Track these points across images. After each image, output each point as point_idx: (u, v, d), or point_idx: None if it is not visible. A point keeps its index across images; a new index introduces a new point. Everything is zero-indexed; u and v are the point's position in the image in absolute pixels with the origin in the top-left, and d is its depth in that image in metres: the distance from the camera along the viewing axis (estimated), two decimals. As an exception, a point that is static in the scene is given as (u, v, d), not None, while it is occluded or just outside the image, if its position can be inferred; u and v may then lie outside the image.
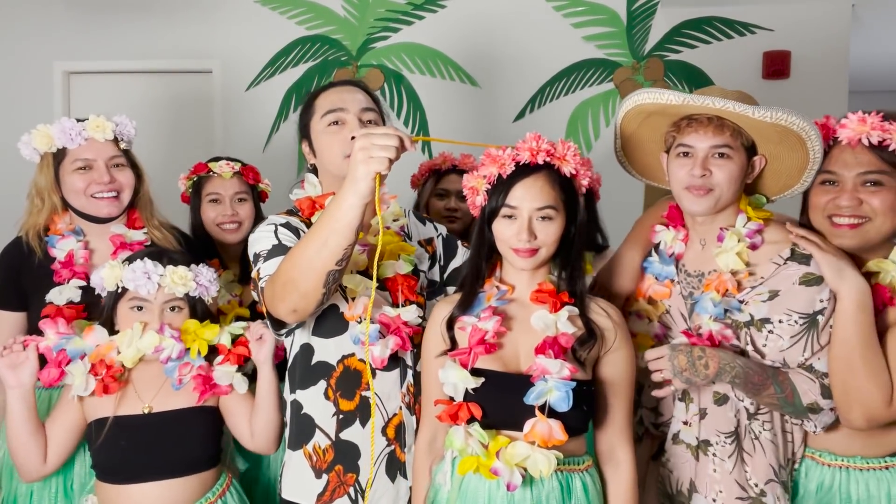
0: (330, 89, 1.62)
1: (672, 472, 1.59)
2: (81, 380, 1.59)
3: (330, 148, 1.57)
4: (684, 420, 1.56)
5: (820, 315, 1.45)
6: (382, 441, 1.53)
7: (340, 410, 1.52)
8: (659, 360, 1.45)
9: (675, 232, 1.63)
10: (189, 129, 3.70)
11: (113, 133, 1.88)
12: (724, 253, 1.51)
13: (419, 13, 3.63)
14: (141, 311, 1.62)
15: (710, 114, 1.47)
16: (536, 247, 1.40)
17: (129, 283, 1.60)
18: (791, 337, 1.46)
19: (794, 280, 1.46)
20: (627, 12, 3.56)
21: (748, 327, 1.49)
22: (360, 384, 1.53)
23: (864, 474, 1.52)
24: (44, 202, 1.89)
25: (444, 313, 1.48)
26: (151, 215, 1.99)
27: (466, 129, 3.64)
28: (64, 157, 1.87)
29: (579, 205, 1.44)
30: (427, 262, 1.70)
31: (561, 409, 1.33)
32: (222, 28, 3.67)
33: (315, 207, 1.59)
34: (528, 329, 1.42)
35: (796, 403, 1.45)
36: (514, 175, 1.40)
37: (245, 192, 2.26)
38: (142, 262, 1.60)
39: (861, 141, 1.44)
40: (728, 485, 1.50)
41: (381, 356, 1.48)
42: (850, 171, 1.46)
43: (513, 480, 1.33)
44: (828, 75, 3.48)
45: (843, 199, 1.46)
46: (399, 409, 1.55)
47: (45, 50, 3.66)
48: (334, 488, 1.51)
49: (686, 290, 1.60)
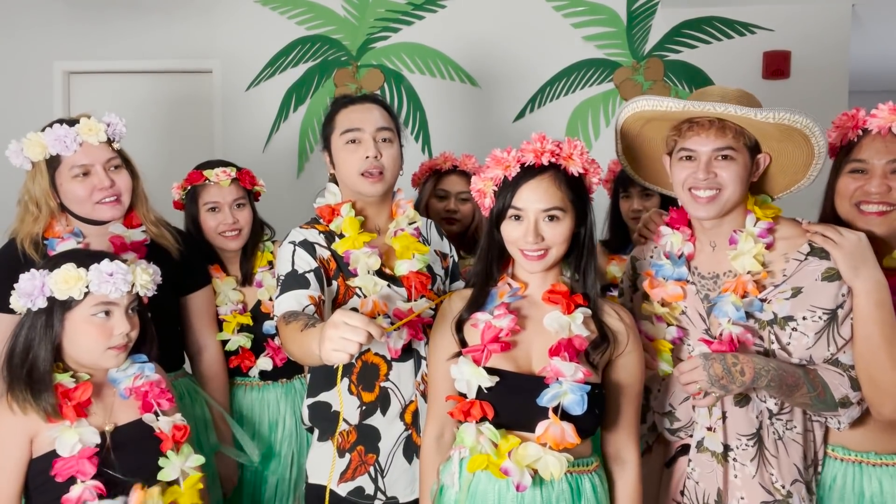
0: (350, 106, 1.73)
1: (698, 482, 1.54)
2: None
3: (346, 164, 1.69)
4: (708, 426, 1.51)
5: (840, 308, 1.44)
6: (401, 426, 1.65)
7: (363, 402, 1.64)
8: (693, 372, 1.41)
9: (681, 234, 1.61)
10: (189, 129, 3.70)
11: (106, 134, 1.85)
12: (740, 256, 1.49)
13: (419, 13, 3.63)
14: (107, 317, 1.48)
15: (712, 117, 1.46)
16: (545, 248, 1.40)
17: (100, 286, 1.45)
18: (815, 333, 1.44)
19: (817, 276, 1.44)
20: (627, 12, 3.56)
21: (771, 326, 1.47)
22: (378, 376, 1.64)
23: (877, 470, 1.53)
24: (40, 210, 1.84)
25: (454, 312, 1.48)
26: (148, 212, 1.97)
27: (466, 129, 3.64)
28: (59, 164, 1.82)
29: (588, 204, 1.45)
30: (441, 269, 1.81)
31: (575, 413, 1.34)
32: (222, 28, 3.66)
33: (334, 214, 1.71)
34: (540, 329, 1.42)
35: (828, 400, 1.43)
36: (520, 177, 1.40)
37: (243, 197, 2.24)
38: (111, 263, 1.48)
39: (891, 129, 1.48)
40: (751, 489, 1.47)
41: (395, 347, 1.61)
42: (880, 158, 1.49)
43: (523, 481, 1.34)
44: (828, 75, 3.48)
45: (873, 186, 1.49)
46: (414, 396, 1.67)
47: (45, 50, 3.65)
48: (356, 467, 1.63)
49: (702, 291, 1.57)
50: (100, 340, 1.47)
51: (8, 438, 1.44)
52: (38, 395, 1.43)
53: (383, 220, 1.77)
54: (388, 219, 1.77)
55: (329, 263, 1.65)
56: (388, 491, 1.64)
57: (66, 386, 1.47)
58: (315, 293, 1.56)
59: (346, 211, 1.70)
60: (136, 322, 1.53)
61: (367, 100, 1.75)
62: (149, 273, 1.54)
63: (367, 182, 1.67)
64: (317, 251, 1.65)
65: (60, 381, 1.47)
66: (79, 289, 1.44)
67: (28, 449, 1.45)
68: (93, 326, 1.47)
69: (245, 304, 2.18)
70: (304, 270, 1.60)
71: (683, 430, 1.58)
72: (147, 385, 1.55)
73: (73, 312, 1.46)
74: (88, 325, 1.47)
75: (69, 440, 1.43)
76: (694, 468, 1.54)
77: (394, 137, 1.73)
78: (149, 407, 1.54)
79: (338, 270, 1.66)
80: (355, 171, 1.67)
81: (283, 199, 2.99)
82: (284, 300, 1.55)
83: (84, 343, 1.48)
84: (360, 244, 1.66)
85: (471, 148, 2.88)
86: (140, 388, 1.54)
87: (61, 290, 1.44)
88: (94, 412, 1.50)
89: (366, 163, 1.66)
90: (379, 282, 1.64)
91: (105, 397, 1.54)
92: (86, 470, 1.42)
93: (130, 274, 1.49)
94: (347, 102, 1.74)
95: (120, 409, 1.54)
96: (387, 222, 1.77)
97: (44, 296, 1.45)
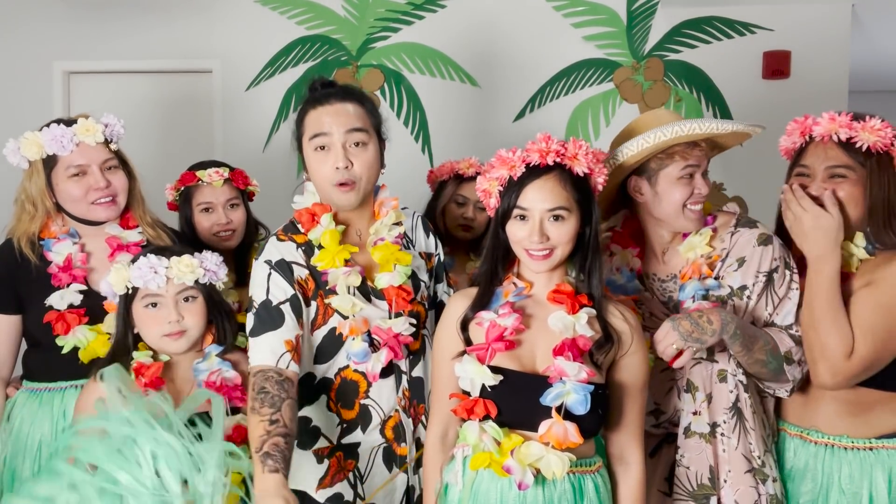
0: (318, 108, 1.58)
1: (689, 467, 1.59)
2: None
3: (318, 174, 1.59)
4: (693, 411, 1.59)
5: (774, 273, 1.58)
6: (380, 438, 1.60)
7: (343, 420, 1.60)
8: (666, 336, 1.49)
9: (629, 251, 1.74)
10: (189, 129, 3.69)
11: (103, 135, 1.85)
12: (692, 245, 1.63)
13: (419, 13, 3.63)
14: (156, 308, 1.62)
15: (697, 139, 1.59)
16: (550, 248, 1.40)
17: (137, 281, 1.60)
18: (757, 296, 1.57)
19: (753, 242, 1.60)
20: (627, 12, 3.55)
21: (731, 299, 1.58)
22: (358, 394, 1.59)
23: (847, 454, 1.57)
24: (37, 209, 1.85)
25: (459, 311, 1.48)
26: (144, 213, 1.97)
27: (466, 129, 3.63)
28: (55, 164, 1.83)
29: (594, 204, 1.45)
30: (427, 273, 1.73)
31: (578, 412, 1.34)
32: (222, 28, 3.66)
33: (313, 222, 1.60)
34: (544, 328, 1.42)
35: (778, 354, 1.54)
36: (525, 176, 1.41)
37: (236, 197, 2.24)
38: (146, 258, 1.60)
39: (832, 137, 1.57)
40: (735, 460, 1.55)
41: (374, 371, 1.56)
42: (820, 164, 1.59)
43: (525, 480, 1.34)
44: (828, 75, 3.48)
45: (813, 189, 1.58)
46: (395, 411, 1.61)
47: (45, 50, 3.64)
48: (335, 473, 1.58)
49: (664, 296, 1.67)
50: (153, 328, 1.63)
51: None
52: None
53: (365, 223, 1.67)
54: (370, 219, 1.67)
55: (307, 283, 1.57)
56: (367, 497, 1.59)
57: (142, 363, 1.61)
58: (291, 334, 1.51)
59: (326, 222, 1.60)
60: (190, 310, 1.64)
61: (337, 97, 1.59)
62: (186, 263, 1.62)
63: (340, 192, 1.57)
64: (294, 272, 1.56)
65: (138, 357, 1.63)
66: (124, 284, 1.63)
67: None
68: (146, 316, 1.63)
69: (241, 303, 2.18)
70: (278, 301, 1.53)
71: (667, 423, 1.65)
72: (220, 381, 1.62)
73: (134, 304, 1.64)
74: (143, 315, 1.63)
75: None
76: (683, 454, 1.61)
77: (369, 138, 1.58)
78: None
79: (316, 289, 1.58)
80: (328, 182, 1.56)
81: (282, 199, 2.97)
82: (259, 349, 1.50)
83: (144, 330, 1.65)
84: (340, 261, 1.57)
85: (471, 148, 2.88)
86: (214, 383, 1.62)
87: (116, 285, 1.64)
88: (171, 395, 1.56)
89: (336, 174, 1.55)
90: (358, 303, 1.56)
91: (183, 385, 1.65)
92: None
93: (164, 268, 1.60)
94: (316, 102, 1.59)
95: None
96: (370, 223, 1.67)
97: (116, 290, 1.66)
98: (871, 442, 1.56)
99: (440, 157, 3.59)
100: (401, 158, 3.63)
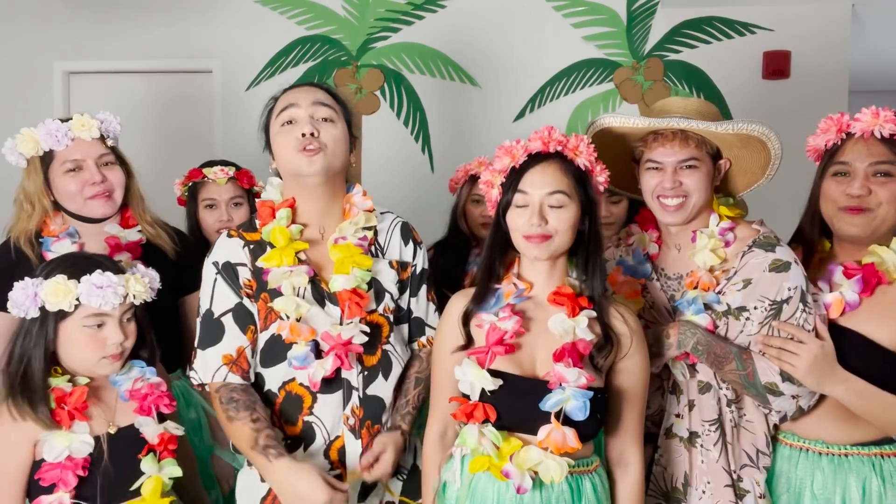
0: (287, 91, 1.57)
1: (666, 468, 1.61)
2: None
3: (283, 148, 1.51)
4: (676, 413, 1.60)
5: (785, 304, 1.50)
6: (325, 464, 1.51)
7: (287, 436, 1.51)
8: None
9: (648, 234, 1.72)
10: (189, 129, 3.70)
11: (99, 131, 1.85)
12: (699, 252, 1.58)
13: (419, 13, 3.63)
14: (100, 329, 1.47)
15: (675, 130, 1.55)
16: (548, 233, 1.40)
17: (90, 298, 1.43)
18: (759, 323, 1.52)
19: (765, 267, 1.52)
20: (627, 12, 3.55)
21: (727, 317, 1.54)
22: (301, 409, 1.51)
23: (821, 459, 1.55)
24: (34, 207, 1.85)
25: (460, 308, 1.48)
26: (144, 211, 1.97)
27: (466, 129, 3.63)
28: (52, 160, 1.83)
29: (594, 199, 1.45)
30: (396, 284, 1.60)
31: (577, 419, 1.34)
32: (222, 28, 3.66)
33: (272, 216, 1.53)
34: (545, 331, 1.42)
35: (756, 383, 1.50)
36: (527, 163, 1.43)
37: (240, 196, 2.26)
38: (99, 275, 1.45)
39: (874, 133, 1.51)
40: (715, 473, 1.54)
41: (315, 379, 1.45)
42: (862, 161, 1.52)
43: (523, 484, 1.34)
44: (828, 75, 3.48)
45: (854, 188, 1.52)
46: (341, 431, 1.51)
47: (45, 50, 3.65)
48: (276, 496, 1.46)
49: (668, 292, 1.65)
50: (93, 350, 1.47)
51: (10, 443, 1.44)
52: (34, 405, 1.42)
53: (332, 221, 1.57)
54: (339, 218, 1.58)
55: (251, 285, 1.51)
56: None
57: (63, 390, 1.45)
58: (231, 348, 1.49)
59: (281, 216, 1.52)
60: (131, 330, 1.52)
61: (308, 84, 1.59)
62: (143, 282, 1.51)
63: (305, 158, 1.47)
64: (240, 276, 1.51)
65: (57, 385, 1.46)
66: (69, 301, 1.43)
67: (31, 452, 1.45)
68: (85, 337, 1.46)
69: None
70: (220, 313, 1.49)
71: (650, 419, 1.64)
72: (147, 388, 1.54)
73: (66, 322, 1.45)
74: (81, 336, 1.46)
75: (58, 446, 1.42)
76: (661, 454, 1.61)
77: (336, 118, 1.53)
78: (147, 410, 1.53)
79: (259, 290, 1.51)
80: (293, 150, 1.47)
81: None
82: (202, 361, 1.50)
83: (77, 352, 1.48)
84: (290, 258, 1.48)
85: (471, 148, 2.88)
86: (140, 390, 1.53)
87: (52, 302, 1.42)
88: (95, 415, 1.49)
89: (302, 140, 1.47)
90: (303, 305, 1.47)
91: (108, 399, 1.54)
92: (68, 480, 1.41)
93: (122, 286, 1.46)
94: (286, 89, 1.59)
95: (123, 411, 1.54)
96: (337, 222, 1.57)
97: (36, 305, 1.44)
98: (846, 448, 1.54)
99: (440, 158, 3.61)
100: (401, 159, 3.64)
